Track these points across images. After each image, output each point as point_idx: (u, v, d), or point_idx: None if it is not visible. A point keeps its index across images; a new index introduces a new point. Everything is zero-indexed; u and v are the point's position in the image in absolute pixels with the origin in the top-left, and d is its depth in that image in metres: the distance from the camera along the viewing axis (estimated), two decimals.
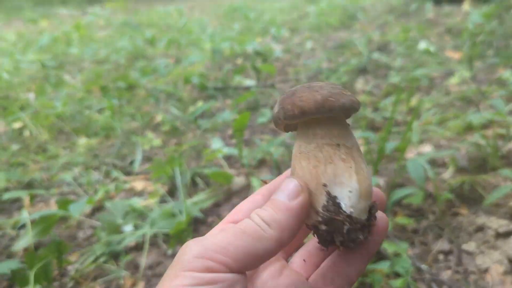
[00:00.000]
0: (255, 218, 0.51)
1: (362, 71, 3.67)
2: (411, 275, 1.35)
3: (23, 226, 2.06)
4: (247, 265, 0.48)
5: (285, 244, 0.50)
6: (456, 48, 3.82)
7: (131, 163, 2.68)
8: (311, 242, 0.65)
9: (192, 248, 0.47)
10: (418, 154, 2.09)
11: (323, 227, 0.55)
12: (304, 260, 0.63)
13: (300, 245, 0.68)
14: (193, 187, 2.17)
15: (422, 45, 3.89)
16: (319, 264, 0.63)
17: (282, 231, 0.49)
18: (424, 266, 1.42)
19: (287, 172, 0.65)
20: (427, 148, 2.19)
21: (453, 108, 2.63)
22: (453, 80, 2.95)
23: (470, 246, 1.50)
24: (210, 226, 1.82)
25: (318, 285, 0.58)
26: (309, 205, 0.55)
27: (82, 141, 3.03)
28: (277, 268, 0.60)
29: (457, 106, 2.65)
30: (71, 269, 1.68)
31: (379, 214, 0.59)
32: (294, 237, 0.52)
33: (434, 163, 2.04)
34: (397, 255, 1.42)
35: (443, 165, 2.04)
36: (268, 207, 0.52)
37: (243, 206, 0.61)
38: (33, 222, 1.81)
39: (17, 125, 3.39)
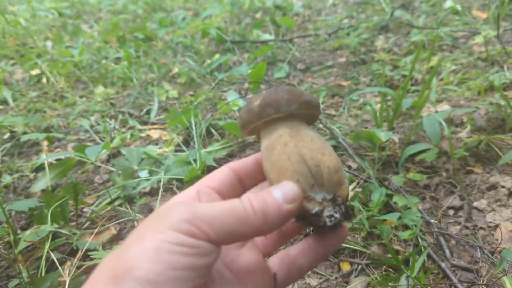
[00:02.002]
0: (245, 203, 0.52)
1: (383, 28, 3.57)
2: (419, 228, 1.36)
3: (40, 169, 2.12)
4: (225, 241, 0.51)
5: (262, 235, 0.53)
6: (483, 7, 3.67)
7: (147, 113, 2.69)
8: None
9: (181, 211, 0.50)
10: (435, 113, 2.06)
11: (312, 213, 0.59)
12: (265, 236, 0.66)
13: None
14: (207, 138, 2.18)
15: (448, 3, 3.74)
16: (276, 242, 0.68)
17: (265, 224, 0.52)
18: (433, 220, 1.42)
19: (255, 155, 0.69)
20: (445, 107, 2.15)
21: (476, 69, 2.56)
22: (478, 40, 2.85)
23: (482, 203, 1.50)
24: None
25: (274, 266, 0.63)
26: (297, 211, 0.58)
27: (99, 90, 3.04)
28: None
29: (479, 67, 2.58)
30: (87, 210, 1.73)
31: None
32: (272, 232, 0.55)
33: (451, 122, 2.01)
34: (406, 208, 1.42)
35: (461, 124, 2.00)
36: (262, 198, 0.54)
37: (216, 174, 0.64)
38: (51, 165, 1.86)
39: (34, 72, 3.41)
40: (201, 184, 0.63)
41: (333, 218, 0.58)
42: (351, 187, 1.58)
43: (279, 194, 0.55)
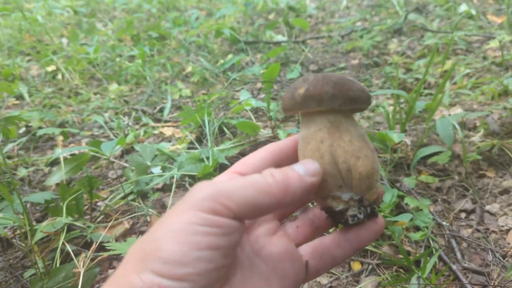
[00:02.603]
0: (266, 175, 0.54)
1: (397, 31, 3.57)
2: (431, 230, 1.36)
3: (55, 163, 2.15)
4: (247, 214, 0.51)
5: (284, 206, 0.54)
6: (498, 12, 3.65)
7: (160, 110, 2.72)
8: (308, 213, 0.69)
9: (203, 190, 0.51)
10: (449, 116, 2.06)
11: (336, 210, 0.60)
12: (297, 226, 0.67)
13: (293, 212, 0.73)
14: (220, 136, 2.20)
15: (463, 7, 3.73)
16: (308, 234, 0.67)
17: (287, 194, 0.53)
18: (445, 223, 1.43)
19: (296, 136, 0.68)
20: (458, 111, 2.14)
21: (490, 73, 2.55)
22: (492, 44, 2.84)
23: (494, 207, 1.50)
24: None
25: (307, 255, 0.63)
26: (318, 186, 0.59)
27: (113, 87, 3.08)
28: (272, 226, 0.64)
29: (494, 71, 2.57)
30: (101, 204, 1.75)
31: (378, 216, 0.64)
32: (292, 204, 0.57)
33: (464, 125, 2.00)
34: (418, 210, 1.43)
35: (473, 128, 2.00)
36: (284, 171, 0.55)
37: (249, 160, 0.64)
38: (65, 160, 1.89)
39: (50, 68, 3.46)
40: (233, 170, 0.63)
41: (356, 218, 0.59)
42: None
43: (301, 168, 0.57)
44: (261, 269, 0.58)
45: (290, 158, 0.65)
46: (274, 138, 2.08)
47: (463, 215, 1.50)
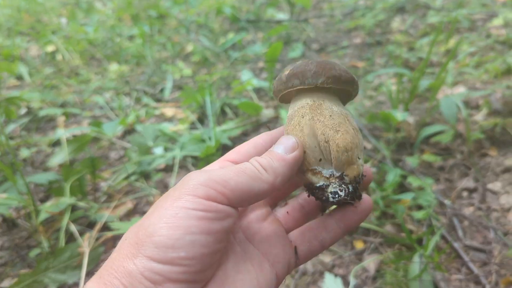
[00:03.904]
0: (254, 163, 0.56)
1: (400, 10, 3.53)
2: (433, 209, 1.37)
3: (57, 144, 2.15)
4: (242, 200, 0.53)
5: (276, 189, 0.56)
6: None
7: (161, 90, 2.71)
8: (298, 198, 0.71)
9: (198, 177, 0.52)
10: (452, 95, 2.04)
11: (317, 186, 0.61)
12: (287, 212, 0.69)
13: (283, 197, 0.74)
14: (222, 116, 2.20)
15: None
16: (299, 219, 0.69)
17: (276, 176, 0.56)
18: (447, 201, 1.43)
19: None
20: (461, 90, 2.13)
21: (493, 51, 2.52)
22: (496, 22, 2.81)
23: (496, 185, 1.50)
24: None
25: (296, 240, 0.65)
26: (301, 158, 0.61)
27: (113, 67, 3.06)
28: (263, 213, 0.66)
29: (497, 50, 2.54)
30: (104, 185, 1.76)
31: (364, 196, 0.64)
32: (284, 184, 0.58)
33: (467, 104, 1.99)
34: (421, 189, 1.43)
35: (476, 107, 1.99)
36: (266, 156, 0.58)
37: (243, 148, 0.66)
38: (68, 141, 1.89)
39: (49, 48, 3.43)
40: (225, 158, 0.64)
41: (336, 196, 0.59)
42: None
43: (280, 148, 0.59)
44: (253, 255, 0.59)
45: None
46: (277, 118, 2.08)
47: (465, 193, 1.50)
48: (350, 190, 0.60)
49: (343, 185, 0.59)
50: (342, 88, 0.65)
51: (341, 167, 0.60)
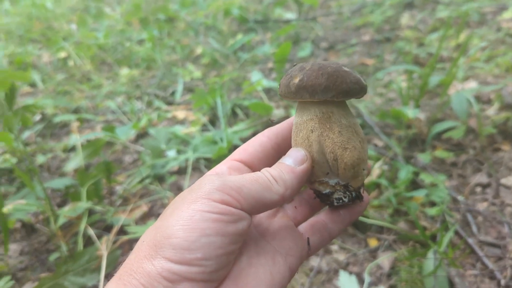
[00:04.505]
0: (265, 173, 0.59)
1: (408, 5, 3.51)
2: (446, 205, 1.37)
3: (72, 149, 2.18)
4: (253, 208, 0.56)
5: (287, 200, 0.59)
6: None
7: (172, 93, 2.73)
8: (303, 194, 0.73)
9: (214, 181, 0.55)
10: (463, 90, 2.04)
11: (323, 193, 0.65)
12: (295, 207, 0.71)
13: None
14: (233, 118, 2.21)
15: None
16: (306, 213, 0.72)
17: (286, 188, 0.59)
18: (460, 197, 1.43)
19: (291, 119, 0.71)
20: (472, 85, 2.12)
21: (504, 45, 2.51)
22: (506, 15, 2.78)
23: (509, 180, 1.50)
24: None
25: (307, 232, 0.68)
26: (310, 170, 0.64)
27: (124, 71, 3.09)
28: (272, 209, 0.69)
29: (508, 43, 2.53)
30: (119, 188, 1.78)
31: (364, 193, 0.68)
32: (295, 194, 0.62)
33: (478, 99, 1.99)
34: (433, 185, 1.43)
35: (488, 102, 1.98)
36: (277, 167, 0.61)
37: (249, 146, 0.68)
38: (82, 146, 1.92)
39: (61, 55, 3.48)
40: (232, 158, 0.67)
41: (340, 201, 0.65)
42: (377, 165, 1.59)
43: (290, 160, 0.62)
44: (266, 249, 0.61)
45: (287, 140, 0.69)
46: (287, 117, 2.09)
47: (478, 189, 1.50)
48: (353, 196, 0.65)
49: (347, 192, 0.65)
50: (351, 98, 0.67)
51: (347, 180, 0.64)
